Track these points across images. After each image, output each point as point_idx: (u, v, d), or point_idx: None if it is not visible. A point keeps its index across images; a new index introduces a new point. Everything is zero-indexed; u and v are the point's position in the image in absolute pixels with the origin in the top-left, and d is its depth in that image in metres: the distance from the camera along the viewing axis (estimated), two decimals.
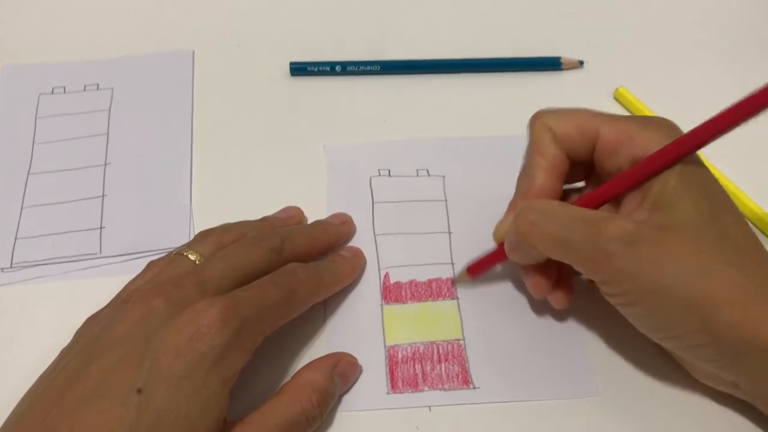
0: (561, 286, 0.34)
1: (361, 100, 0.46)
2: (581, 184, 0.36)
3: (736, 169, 0.41)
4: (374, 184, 0.42)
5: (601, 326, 0.35)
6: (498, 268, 0.37)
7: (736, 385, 0.30)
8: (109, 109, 0.46)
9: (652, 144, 0.30)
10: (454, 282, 0.37)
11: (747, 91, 0.44)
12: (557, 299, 0.34)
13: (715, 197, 0.30)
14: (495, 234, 0.35)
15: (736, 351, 0.28)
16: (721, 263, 0.27)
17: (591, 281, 0.32)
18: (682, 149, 0.29)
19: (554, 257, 0.31)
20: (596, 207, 0.32)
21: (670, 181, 0.29)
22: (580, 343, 0.35)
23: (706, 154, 0.30)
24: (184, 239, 0.37)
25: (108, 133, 0.44)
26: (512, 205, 0.34)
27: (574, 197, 0.35)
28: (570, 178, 0.35)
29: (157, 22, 0.51)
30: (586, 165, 0.34)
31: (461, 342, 0.35)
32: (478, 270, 0.36)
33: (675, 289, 0.27)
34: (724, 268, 0.27)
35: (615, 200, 0.32)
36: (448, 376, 0.34)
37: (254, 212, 0.38)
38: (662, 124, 0.31)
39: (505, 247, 0.33)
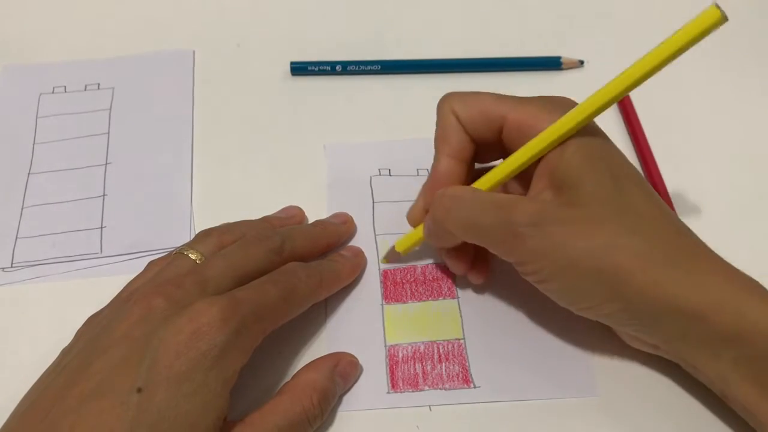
0: (477, 264, 0.36)
1: (362, 99, 0.46)
2: (498, 162, 0.36)
3: None
4: (375, 184, 0.42)
5: (601, 326, 0.35)
6: (497, 268, 0.37)
7: (656, 347, 0.32)
8: (110, 109, 0.46)
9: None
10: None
11: (746, 90, 0.44)
12: (474, 276, 0.36)
13: (618, 169, 0.31)
14: (407, 218, 0.37)
15: (648, 314, 0.29)
16: (624, 233, 0.29)
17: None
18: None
19: (469, 241, 0.32)
20: (495, 186, 0.33)
21: (573, 159, 0.30)
22: (580, 343, 0.35)
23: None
24: (185, 239, 0.37)
25: (109, 133, 0.44)
26: (422, 190, 0.36)
27: None
28: (485, 157, 0.36)
29: (158, 22, 0.51)
30: (500, 145, 0.34)
31: (461, 341, 0.35)
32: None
33: (584, 262, 0.29)
34: (628, 238, 0.29)
35: (523, 182, 0.33)
36: (448, 375, 0.34)
37: (254, 212, 0.38)
38: (564, 104, 0.32)
39: (423, 232, 0.35)
